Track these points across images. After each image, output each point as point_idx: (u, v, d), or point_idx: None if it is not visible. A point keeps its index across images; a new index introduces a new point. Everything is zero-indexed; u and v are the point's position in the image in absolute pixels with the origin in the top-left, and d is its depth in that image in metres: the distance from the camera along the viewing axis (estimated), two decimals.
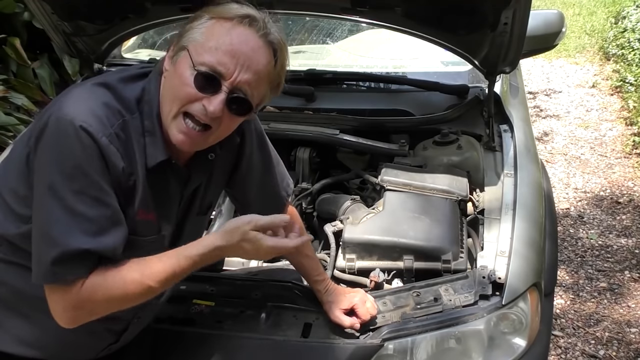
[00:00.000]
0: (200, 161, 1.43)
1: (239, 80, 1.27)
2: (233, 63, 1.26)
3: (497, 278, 1.65)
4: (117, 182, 1.26)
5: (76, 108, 1.23)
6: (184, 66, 1.27)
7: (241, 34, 1.27)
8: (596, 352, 2.83)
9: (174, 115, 1.29)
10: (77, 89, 1.34)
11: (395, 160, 2.24)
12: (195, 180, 1.45)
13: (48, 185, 1.21)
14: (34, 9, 2.13)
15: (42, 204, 1.23)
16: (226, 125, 1.33)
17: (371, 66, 2.86)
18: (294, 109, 2.47)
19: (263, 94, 1.35)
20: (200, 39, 1.27)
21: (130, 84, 1.34)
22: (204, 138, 1.32)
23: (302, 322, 1.64)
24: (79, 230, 1.21)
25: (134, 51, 2.92)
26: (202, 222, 1.59)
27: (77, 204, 1.21)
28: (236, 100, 1.28)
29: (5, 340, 1.41)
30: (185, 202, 1.46)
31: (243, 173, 1.60)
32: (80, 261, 1.23)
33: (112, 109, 1.27)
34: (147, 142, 1.31)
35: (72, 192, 1.21)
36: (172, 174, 1.38)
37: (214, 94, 1.26)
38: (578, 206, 4.05)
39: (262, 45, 1.30)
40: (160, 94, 1.33)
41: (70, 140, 1.20)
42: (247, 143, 1.57)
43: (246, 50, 1.27)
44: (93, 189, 1.22)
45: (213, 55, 1.25)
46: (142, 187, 1.31)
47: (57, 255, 1.21)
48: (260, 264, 2.05)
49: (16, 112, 3.81)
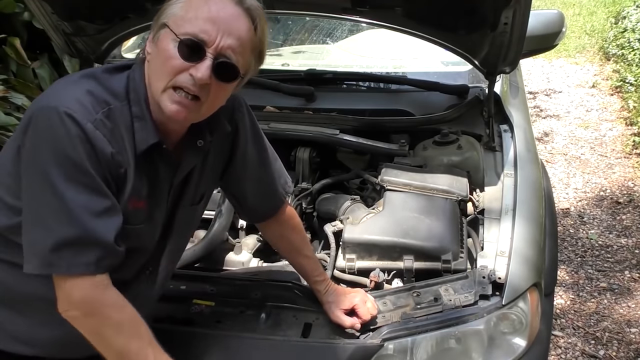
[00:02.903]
0: (189, 147, 1.44)
1: (222, 45, 1.28)
2: (214, 29, 1.27)
3: (497, 278, 1.65)
4: (107, 168, 1.26)
5: (60, 96, 1.25)
6: (166, 41, 1.29)
7: (218, 2, 1.30)
8: (596, 352, 2.83)
9: (163, 89, 1.29)
10: (62, 80, 1.37)
11: (395, 160, 2.24)
12: (185, 167, 1.45)
13: (37, 173, 1.23)
14: (34, 9, 2.13)
15: (33, 193, 1.24)
16: (215, 94, 1.33)
17: (371, 66, 2.86)
18: (294, 109, 2.47)
19: (247, 61, 1.36)
20: (179, 12, 1.30)
21: (116, 74, 1.36)
22: (197, 107, 1.32)
23: (302, 322, 1.64)
24: (73, 216, 1.22)
25: (134, 51, 2.92)
26: (194, 213, 1.59)
27: (68, 191, 1.21)
28: (222, 65, 1.29)
29: (1, 337, 1.41)
30: (175, 190, 1.46)
31: (238, 166, 1.60)
32: (79, 250, 1.23)
33: (96, 97, 1.28)
34: (136, 127, 1.32)
35: (62, 178, 1.21)
36: (161, 160, 1.38)
37: (199, 61, 1.27)
38: (578, 206, 4.05)
39: (240, 12, 1.31)
40: (146, 79, 1.34)
41: (55, 128, 1.21)
42: (241, 136, 1.57)
43: (225, 16, 1.29)
44: (82, 175, 1.22)
45: (194, 24, 1.27)
46: (133, 174, 1.32)
47: (53, 243, 1.21)
48: (260, 264, 2.05)
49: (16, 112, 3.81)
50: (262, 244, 2.11)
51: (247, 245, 2.09)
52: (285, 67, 2.82)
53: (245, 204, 1.71)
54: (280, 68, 2.79)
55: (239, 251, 2.03)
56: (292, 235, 1.75)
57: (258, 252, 2.09)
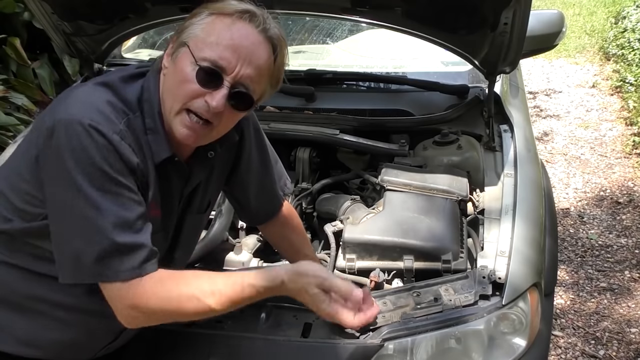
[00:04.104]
0: (200, 159, 1.43)
1: (241, 74, 1.27)
2: (235, 57, 1.26)
3: (497, 278, 1.64)
4: (135, 177, 1.26)
5: (82, 108, 1.23)
6: (184, 62, 1.27)
7: (241, 28, 1.27)
8: (596, 352, 2.83)
9: (177, 112, 1.29)
10: (78, 90, 1.34)
11: (395, 160, 2.24)
12: (196, 178, 1.45)
13: (69, 186, 1.21)
14: (34, 9, 2.13)
15: (65, 204, 1.23)
16: (227, 120, 1.33)
17: (371, 66, 2.86)
18: (294, 109, 2.47)
19: (263, 89, 1.35)
20: (200, 34, 1.27)
21: (130, 84, 1.34)
22: (208, 132, 1.32)
23: (302, 322, 1.64)
24: (112, 226, 1.21)
25: (134, 51, 2.92)
26: (201, 220, 1.60)
27: (103, 202, 1.21)
28: (238, 95, 1.28)
29: (5, 339, 1.40)
30: (185, 200, 1.47)
31: (242, 172, 1.60)
32: (123, 257, 1.22)
33: (116, 107, 1.27)
34: (150, 140, 1.32)
35: (95, 190, 1.20)
36: (174, 171, 1.38)
37: (216, 89, 1.26)
38: (578, 206, 4.05)
39: (262, 40, 1.30)
40: (160, 92, 1.33)
41: (83, 140, 1.19)
42: (246, 142, 1.57)
43: (247, 44, 1.27)
44: (114, 185, 1.22)
45: (214, 50, 1.25)
46: (153, 183, 1.32)
47: (98, 253, 1.21)
48: (260, 264, 2.05)
49: (16, 112, 3.81)
50: (262, 244, 2.11)
51: (247, 245, 2.09)
52: (285, 67, 2.82)
53: (248, 208, 1.71)
54: None
55: (239, 251, 2.03)
56: (293, 235, 1.76)
57: (258, 252, 2.09)
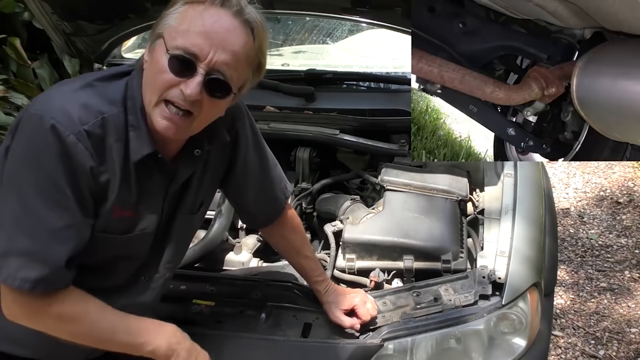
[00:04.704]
0: (186, 156, 1.42)
1: (215, 60, 1.24)
2: (207, 44, 1.23)
3: (497, 278, 1.64)
4: (85, 182, 1.25)
5: (49, 105, 1.23)
6: (159, 53, 1.26)
7: (214, 14, 1.25)
8: (596, 352, 2.83)
9: (155, 104, 1.27)
10: (58, 87, 1.34)
11: (395, 160, 2.24)
12: (181, 176, 1.43)
13: (12, 178, 1.22)
14: (34, 9, 2.13)
15: (3, 196, 1.24)
16: (207, 109, 1.30)
17: (371, 66, 2.86)
18: (294, 109, 2.47)
19: (244, 76, 1.32)
20: (173, 23, 1.26)
21: (114, 81, 1.34)
22: (188, 123, 1.29)
23: (302, 322, 1.64)
24: (30, 228, 1.21)
25: (134, 51, 2.92)
26: (192, 222, 1.57)
27: (34, 202, 1.20)
28: (213, 82, 1.26)
29: (0, 339, 1.41)
30: (172, 198, 1.44)
31: (239, 174, 1.59)
32: (23, 264, 1.21)
33: (89, 108, 1.25)
34: (131, 136, 1.30)
35: (32, 189, 1.21)
36: (156, 168, 1.36)
37: (190, 77, 1.24)
38: (578, 206, 4.05)
39: (237, 25, 1.26)
40: (142, 87, 1.32)
41: (36, 136, 1.20)
42: (242, 143, 1.56)
43: (220, 29, 1.24)
44: (54, 190, 1.21)
45: (186, 38, 1.23)
46: (118, 184, 1.30)
47: (4, 248, 1.21)
48: (260, 264, 2.05)
49: (16, 112, 3.81)
50: (262, 244, 2.11)
51: (247, 245, 2.09)
52: (285, 67, 2.82)
53: (247, 210, 1.71)
54: (280, 68, 2.79)
55: (239, 251, 2.03)
56: (292, 236, 1.75)
57: (258, 252, 2.09)
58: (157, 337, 1.35)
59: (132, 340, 1.33)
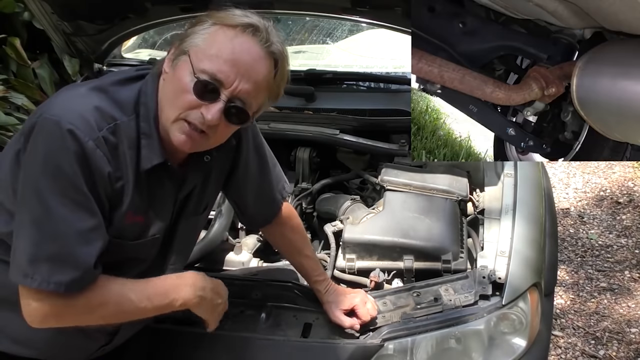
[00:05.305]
0: (195, 163, 1.43)
1: (238, 89, 1.26)
2: (233, 72, 1.25)
3: (497, 278, 1.65)
4: (103, 187, 1.25)
5: (65, 110, 1.23)
6: (183, 71, 1.26)
7: (244, 42, 1.26)
8: (596, 352, 2.83)
9: (174, 120, 1.28)
10: (70, 90, 1.34)
11: (395, 160, 2.24)
12: (191, 182, 1.45)
13: (32, 184, 1.21)
14: (34, 9, 2.13)
15: (24, 203, 1.23)
16: (222, 132, 1.33)
17: (371, 66, 2.86)
18: (294, 109, 2.47)
19: (261, 103, 1.35)
20: (202, 44, 1.26)
21: (127, 86, 1.33)
22: (204, 141, 1.32)
23: (302, 322, 1.64)
24: (57, 232, 1.21)
25: (134, 51, 2.92)
26: (196, 223, 1.59)
27: (58, 206, 1.20)
28: (234, 109, 1.28)
29: (1, 339, 1.41)
30: (179, 204, 1.46)
31: (240, 176, 1.60)
32: (54, 268, 1.21)
33: (103, 113, 1.26)
34: (142, 144, 1.31)
35: (55, 193, 1.20)
36: (166, 176, 1.37)
37: (212, 102, 1.25)
38: (578, 206, 4.05)
39: (263, 55, 1.29)
40: (158, 96, 1.32)
41: (55, 142, 1.20)
42: (244, 146, 1.56)
43: (247, 59, 1.26)
44: (75, 193, 1.21)
45: (214, 63, 1.24)
46: (132, 190, 1.30)
47: (33, 254, 1.21)
48: (260, 264, 2.05)
49: (16, 112, 3.80)
50: (262, 244, 2.11)
51: (247, 245, 2.09)
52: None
53: (246, 212, 1.71)
54: None
55: (239, 251, 2.04)
56: (293, 236, 1.76)
57: (258, 252, 2.09)
58: (181, 290, 1.38)
59: (160, 302, 1.35)
